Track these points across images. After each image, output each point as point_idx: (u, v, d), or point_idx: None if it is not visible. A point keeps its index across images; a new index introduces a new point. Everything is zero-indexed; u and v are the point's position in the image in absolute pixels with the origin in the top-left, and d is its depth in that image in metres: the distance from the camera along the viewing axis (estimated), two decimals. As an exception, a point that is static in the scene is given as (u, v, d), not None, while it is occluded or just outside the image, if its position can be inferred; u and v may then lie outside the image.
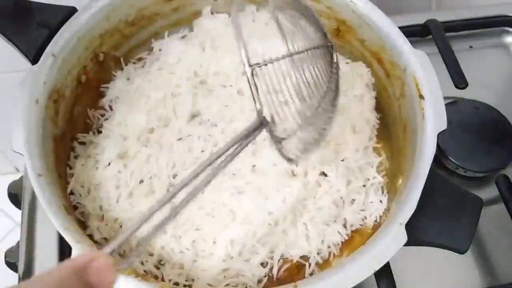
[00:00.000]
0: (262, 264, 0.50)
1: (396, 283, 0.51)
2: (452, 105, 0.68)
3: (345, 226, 0.53)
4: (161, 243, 0.50)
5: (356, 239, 0.53)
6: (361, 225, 0.53)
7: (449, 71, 0.68)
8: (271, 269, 0.50)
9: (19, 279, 0.56)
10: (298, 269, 0.51)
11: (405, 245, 0.44)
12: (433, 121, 0.51)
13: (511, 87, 0.75)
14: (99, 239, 0.51)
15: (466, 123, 0.66)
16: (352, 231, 0.53)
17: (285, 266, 0.50)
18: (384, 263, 0.43)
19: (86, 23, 0.57)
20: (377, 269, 0.43)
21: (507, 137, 0.66)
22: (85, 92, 0.59)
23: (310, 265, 0.51)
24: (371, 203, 0.54)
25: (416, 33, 0.74)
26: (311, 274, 0.50)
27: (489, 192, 0.64)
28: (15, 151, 0.48)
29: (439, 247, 0.47)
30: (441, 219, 0.47)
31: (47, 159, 0.50)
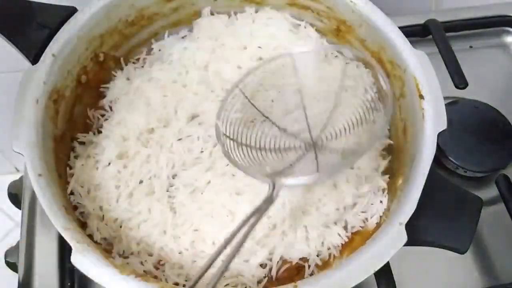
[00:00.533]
0: (261, 265, 0.50)
1: (396, 283, 0.51)
2: (452, 105, 0.68)
3: (345, 228, 0.53)
4: (160, 244, 0.50)
5: (356, 241, 0.53)
6: (361, 226, 0.53)
7: (449, 71, 0.68)
8: (270, 270, 0.50)
9: (19, 279, 0.56)
10: (297, 270, 0.51)
11: (405, 245, 0.44)
12: (433, 121, 0.51)
13: (511, 87, 0.75)
14: (99, 239, 0.51)
15: (466, 123, 0.66)
16: (352, 233, 0.53)
17: (285, 267, 0.50)
18: (384, 263, 0.43)
19: (86, 23, 0.57)
20: (377, 269, 0.43)
21: (507, 137, 0.66)
22: (85, 92, 0.59)
23: (309, 266, 0.50)
24: (372, 204, 0.54)
25: (416, 33, 0.74)
26: (311, 274, 0.50)
27: (489, 192, 0.64)
28: (15, 151, 0.48)
29: (439, 247, 0.47)
30: (441, 219, 0.47)
31: (47, 159, 0.50)
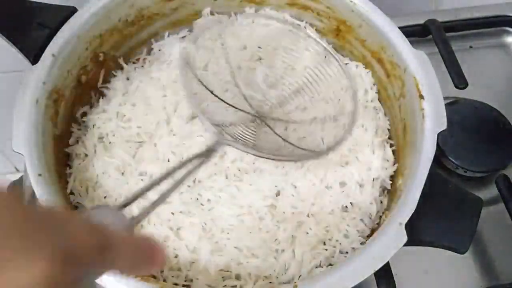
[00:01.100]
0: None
1: (396, 283, 0.51)
2: (452, 105, 0.68)
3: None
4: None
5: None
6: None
7: (449, 71, 0.68)
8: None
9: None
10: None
11: (405, 245, 0.44)
12: (433, 121, 0.51)
13: (511, 87, 0.75)
14: (98, 239, 0.51)
15: (466, 123, 0.66)
16: None
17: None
18: (384, 263, 0.43)
19: (86, 23, 0.57)
20: (377, 269, 0.43)
21: (507, 137, 0.66)
22: (85, 92, 0.59)
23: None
24: (370, 204, 0.54)
25: (416, 33, 0.74)
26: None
27: (489, 192, 0.64)
28: (15, 151, 0.48)
29: (439, 247, 0.47)
30: (441, 219, 0.47)
31: (47, 159, 0.50)
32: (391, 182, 0.55)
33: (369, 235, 0.52)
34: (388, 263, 0.46)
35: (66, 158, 0.56)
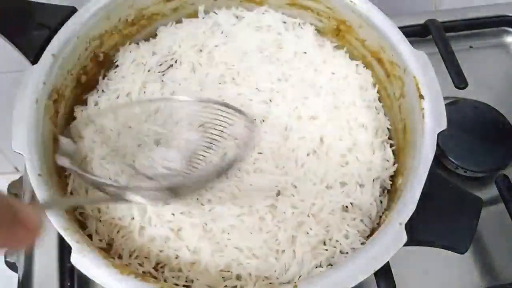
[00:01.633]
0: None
1: (396, 283, 0.51)
2: (452, 105, 0.68)
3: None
4: (159, 248, 0.50)
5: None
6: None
7: (449, 71, 0.68)
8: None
9: (18, 279, 0.56)
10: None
11: (405, 245, 0.44)
12: (433, 121, 0.51)
13: (511, 87, 0.75)
14: (97, 240, 0.51)
15: (466, 123, 0.66)
16: None
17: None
18: (384, 263, 0.43)
19: (86, 23, 0.57)
20: (377, 269, 0.43)
21: (507, 137, 0.66)
22: (85, 92, 0.59)
23: None
24: (371, 204, 0.54)
25: (416, 33, 0.74)
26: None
27: (489, 192, 0.64)
28: (15, 151, 0.48)
29: (439, 247, 0.47)
30: (441, 219, 0.47)
31: (47, 159, 0.50)
32: (391, 182, 0.55)
33: (369, 235, 0.52)
34: (388, 263, 0.46)
35: (66, 158, 0.56)
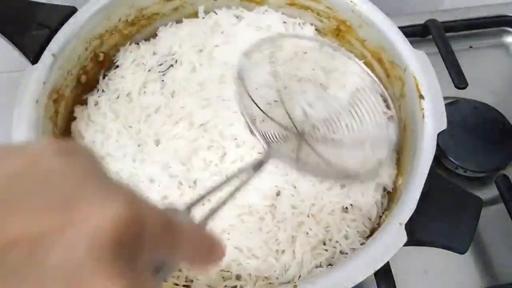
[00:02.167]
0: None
1: (396, 283, 0.51)
2: (452, 105, 0.68)
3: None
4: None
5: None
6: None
7: (449, 71, 0.68)
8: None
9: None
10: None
11: (405, 245, 0.44)
12: (433, 121, 0.51)
13: (511, 87, 0.75)
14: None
15: (466, 123, 0.66)
16: None
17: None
18: (384, 263, 0.43)
19: (86, 23, 0.57)
20: (377, 269, 0.43)
21: (507, 137, 0.66)
22: (85, 92, 0.59)
23: None
24: (371, 206, 0.53)
25: (416, 33, 0.74)
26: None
27: (489, 192, 0.64)
28: (15, 151, 0.48)
29: (439, 247, 0.47)
30: (441, 219, 0.47)
31: (47, 159, 0.50)
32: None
33: (369, 236, 0.52)
34: (388, 263, 0.46)
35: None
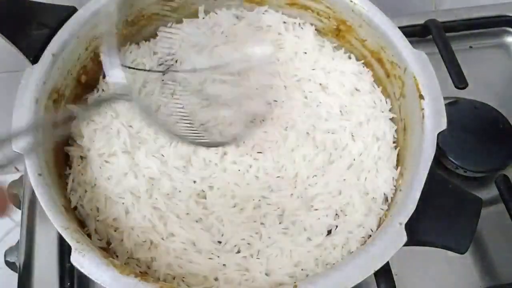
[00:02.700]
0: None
1: (396, 283, 0.51)
2: (452, 105, 0.68)
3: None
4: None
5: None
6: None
7: (449, 71, 0.68)
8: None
9: (18, 278, 0.56)
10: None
11: (405, 245, 0.44)
12: (433, 121, 0.51)
13: (511, 87, 0.75)
14: (96, 239, 0.51)
15: (466, 123, 0.66)
16: None
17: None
18: (384, 263, 0.43)
19: (86, 23, 0.56)
20: (377, 269, 0.43)
21: (507, 137, 0.66)
22: (85, 92, 0.59)
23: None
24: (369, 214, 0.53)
25: (416, 33, 0.74)
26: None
27: (489, 192, 0.64)
28: (15, 151, 0.48)
29: (439, 247, 0.47)
30: (441, 219, 0.47)
31: (47, 159, 0.50)
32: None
33: (369, 236, 0.52)
34: (388, 263, 0.46)
35: (66, 158, 0.56)
